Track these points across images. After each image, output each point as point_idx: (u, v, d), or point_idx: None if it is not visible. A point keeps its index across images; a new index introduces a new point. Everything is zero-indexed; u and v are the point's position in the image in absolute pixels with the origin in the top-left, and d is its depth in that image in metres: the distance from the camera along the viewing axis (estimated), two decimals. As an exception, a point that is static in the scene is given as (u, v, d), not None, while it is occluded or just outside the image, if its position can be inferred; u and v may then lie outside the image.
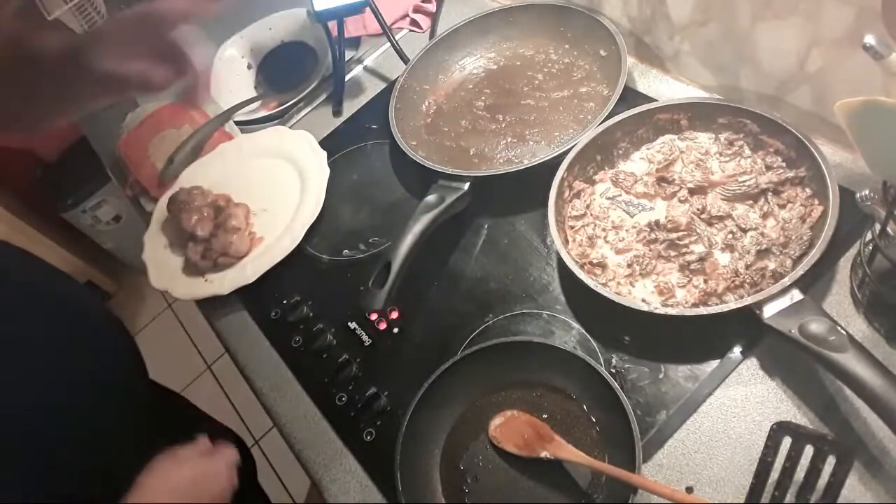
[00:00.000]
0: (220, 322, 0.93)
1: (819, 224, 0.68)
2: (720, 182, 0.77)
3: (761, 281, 0.68)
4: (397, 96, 1.01)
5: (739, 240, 0.72)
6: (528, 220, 0.87)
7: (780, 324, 0.62)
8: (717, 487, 0.62)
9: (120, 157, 1.15)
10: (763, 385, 0.66)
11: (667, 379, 0.69)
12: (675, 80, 0.93)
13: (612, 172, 0.84)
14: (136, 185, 1.12)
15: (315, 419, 0.80)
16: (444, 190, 0.86)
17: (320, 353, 0.84)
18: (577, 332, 0.76)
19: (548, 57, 1.02)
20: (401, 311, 0.84)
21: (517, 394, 0.72)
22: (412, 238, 0.80)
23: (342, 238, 0.95)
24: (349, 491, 0.73)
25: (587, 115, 0.92)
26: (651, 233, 0.76)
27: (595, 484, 0.65)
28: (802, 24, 0.71)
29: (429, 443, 0.72)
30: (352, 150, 1.05)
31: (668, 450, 0.66)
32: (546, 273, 0.81)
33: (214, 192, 1.00)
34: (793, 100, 0.79)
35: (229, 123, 1.14)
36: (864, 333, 0.66)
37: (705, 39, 0.85)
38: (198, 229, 0.94)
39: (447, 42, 1.06)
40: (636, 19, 0.93)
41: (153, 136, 1.14)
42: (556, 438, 0.67)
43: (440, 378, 0.71)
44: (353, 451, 0.76)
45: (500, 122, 0.97)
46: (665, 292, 0.72)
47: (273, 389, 0.84)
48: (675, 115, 0.82)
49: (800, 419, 0.63)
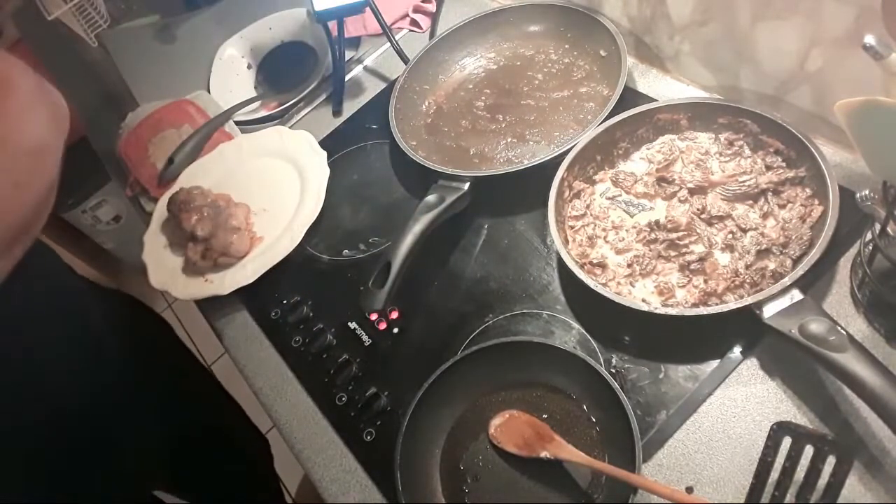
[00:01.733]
0: (220, 322, 0.93)
1: (819, 224, 0.68)
2: (720, 182, 0.77)
3: (761, 281, 0.68)
4: (397, 96, 1.01)
5: (739, 240, 0.72)
6: (528, 220, 0.87)
7: (780, 324, 0.62)
8: (717, 487, 0.62)
9: (120, 157, 1.15)
10: (763, 385, 0.66)
11: (667, 379, 0.69)
12: (675, 80, 0.93)
13: (612, 172, 0.84)
14: (136, 185, 1.12)
15: (315, 419, 0.80)
16: (444, 190, 0.86)
17: (320, 353, 0.84)
18: (577, 332, 0.76)
19: (548, 57, 1.02)
20: (401, 311, 0.84)
21: (517, 394, 0.72)
22: (412, 238, 0.80)
23: (342, 238, 0.95)
24: (349, 491, 0.73)
25: (587, 115, 0.92)
26: (651, 233, 0.76)
27: (595, 484, 0.65)
28: (802, 23, 0.71)
29: (429, 443, 0.72)
30: (352, 150, 1.05)
31: (668, 450, 0.66)
32: (546, 273, 0.81)
33: (214, 192, 0.99)
34: (793, 100, 0.79)
35: (229, 123, 1.14)
36: (864, 333, 0.66)
37: (705, 39, 0.85)
38: (198, 229, 0.94)
39: (447, 42, 1.06)
40: (636, 19, 0.93)
41: (153, 136, 1.14)
42: (556, 438, 0.67)
43: (440, 378, 0.71)
44: (353, 451, 0.75)
45: (500, 122, 0.97)
46: (665, 292, 0.72)
47: (273, 389, 0.84)
48: (675, 115, 0.82)
49: (800, 419, 0.63)
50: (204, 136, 1.11)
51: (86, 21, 1.32)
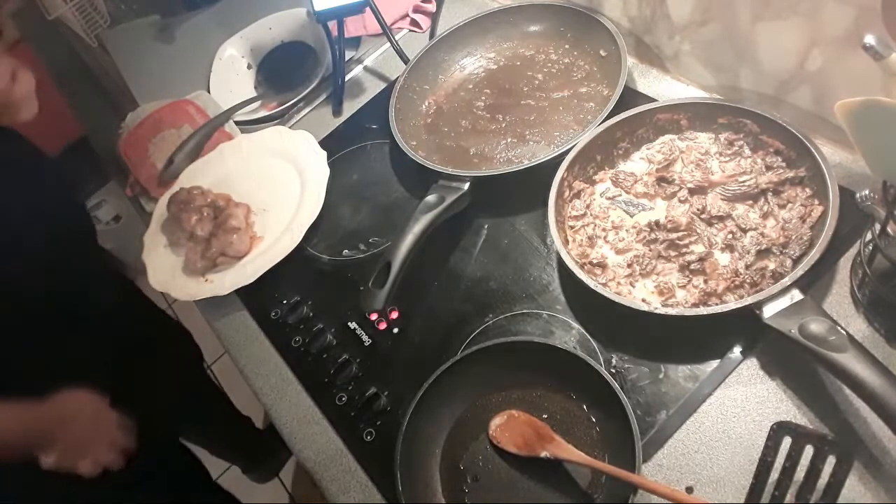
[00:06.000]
0: (220, 322, 0.93)
1: (819, 224, 0.68)
2: (720, 182, 0.77)
3: (761, 281, 0.68)
4: (397, 96, 1.01)
5: (739, 240, 0.72)
6: (528, 220, 0.87)
7: (780, 324, 0.62)
8: (717, 487, 0.62)
9: (120, 157, 1.15)
10: (763, 385, 0.66)
11: (667, 379, 0.69)
12: (675, 80, 0.93)
13: (612, 172, 0.84)
14: (136, 185, 1.12)
15: (315, 419, 0.80)
16: (444, 190, 0.86)
17: (320, 353, 0.84)
18: (577, 332, 0.76)
19: (548, 57, 1.02)
20: (401, 311, 0.84)
21: (517, 394, 0.72)
22: (412, 238, 0.80)
23: (342, 238, 0.95)
24: (349, 491, 0.73)
25: (587, 115, 0.92)
26: (651, 233, 0.76)
27: (595, 484, 0.65)
28: (802, 24, 0.71)
29: (429, 443, 0.72)
30: (352, 150, 1.05)
31: (668, 450, 0.66)
32: (546, 273, 0.81)
33: (214, 192, 1.00)
34: (793, 100, 0.79)
35: (229, 123, 1.14)
36: (864, 333, 0.66)
37: (705, 39, 0.85)
38: (198, 229, 0.94)
39: (447, 42, 1.06)
40: (636, 19, 0.93)
41: (153, 136, 1.14)
42: (556, 438, 0.67)
43: (440, 378, 0.71)
44: (353, 451, 0.76)
45: (500, 122, 0.97)
46: (665, 292, 0.72)
47: (273, 389, 0.84)
48: (675, 115, 0.82)
49: (800, 419, 0.63)
50: (204, 136, 1.11)
51: (86, 21, 1.32)
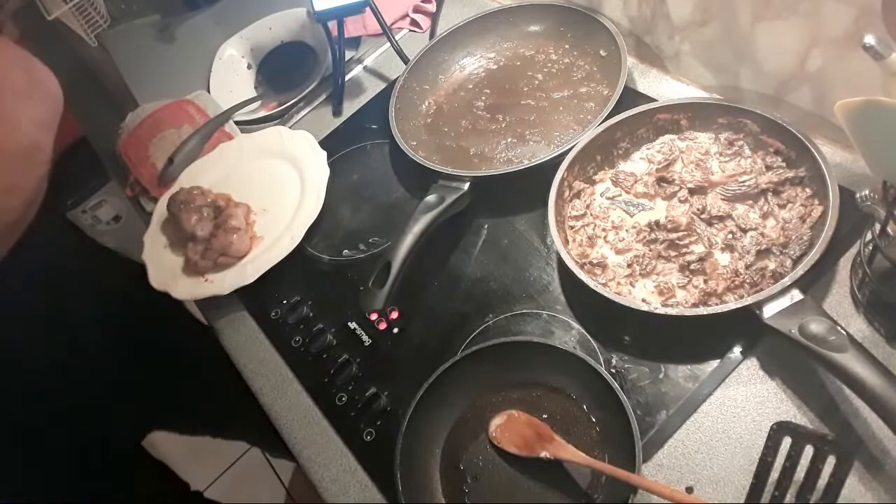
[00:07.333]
0: (220, 322, 0.93)
1: (819, 224, 0.68)
2: (720, 182, 0.77)
3: (761, 281, 0.68)
4: (397, 96, 1.01)
5: (739, 240, 0.72)
6: (528, 220, 0.87)
7: (780, 324, 0.62)
8: (717, 487, 0.62)
9: (120, 157, 1.15)
10: (763, 385, 0.66)
11: (667, 379, 0.69)
12: (675, 80, 0.93)
13: (612, 172, 0.84)
14: (136, 185, 1.12)
15: (315, 419, 0.80)
16: (444, 190, 0.86)
17: (320, 353, 0.84)
18: (577, 332, 0.76)
19: (548, 57, 1.02)
20: (401, 311, 0.84)
21: (517, 394, 0.72)
22: (412, 238, 0.80)
23: (342, 238, 0.95)
24: (349, 491, 0.73)
25: (587, 115, 0.92)
26: (651, 233, 0.76)
27: (595, 484, 0.65)
28: (802, 24, 0.71)
29: (429, 443, 0.71)
30: (352, 150, 1.05)
31: (668, 450, 0.66)
32: (546, 273, 0.81)
33: (214, 192, 1.00)
34: (793, 100, 0.79)
35: (229, 123, 1.14)
36: (864, 333, 0.66)
37: (705, 39, 0.85)
38: (198, 229, 0.94)
39: (447, 42, 1.06)
40: (636, 19, 0.93)
41: (153, 136, 1.14)
42: (556, 438, 0.67)
43: (440, 378, 0.71)
44: (353, 451, 0.75)
45: (500, 122, 0.97)
46: (665, 292, 0.72)
47: (273, 389, 0.84)
48: (675, 115, 0.82)
49: (800, 419, 0.63)
50: (204, 136, 1.11)
51: (86, 21, 1.32)
